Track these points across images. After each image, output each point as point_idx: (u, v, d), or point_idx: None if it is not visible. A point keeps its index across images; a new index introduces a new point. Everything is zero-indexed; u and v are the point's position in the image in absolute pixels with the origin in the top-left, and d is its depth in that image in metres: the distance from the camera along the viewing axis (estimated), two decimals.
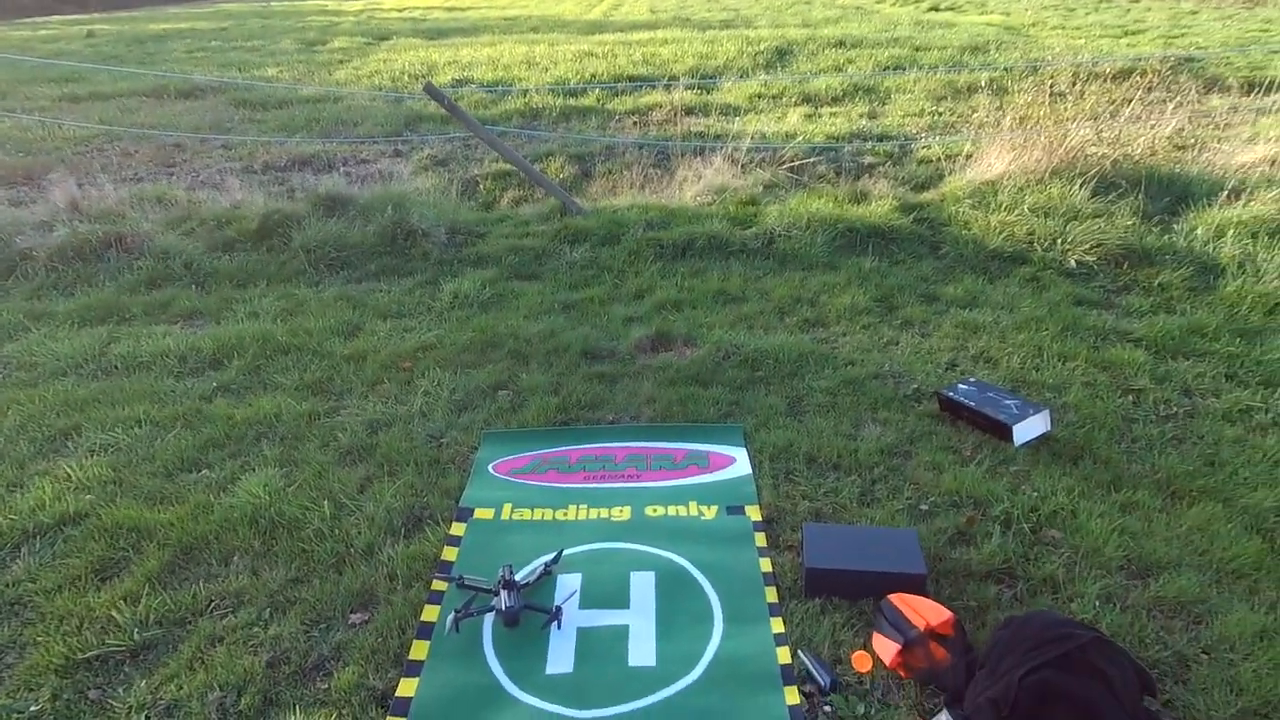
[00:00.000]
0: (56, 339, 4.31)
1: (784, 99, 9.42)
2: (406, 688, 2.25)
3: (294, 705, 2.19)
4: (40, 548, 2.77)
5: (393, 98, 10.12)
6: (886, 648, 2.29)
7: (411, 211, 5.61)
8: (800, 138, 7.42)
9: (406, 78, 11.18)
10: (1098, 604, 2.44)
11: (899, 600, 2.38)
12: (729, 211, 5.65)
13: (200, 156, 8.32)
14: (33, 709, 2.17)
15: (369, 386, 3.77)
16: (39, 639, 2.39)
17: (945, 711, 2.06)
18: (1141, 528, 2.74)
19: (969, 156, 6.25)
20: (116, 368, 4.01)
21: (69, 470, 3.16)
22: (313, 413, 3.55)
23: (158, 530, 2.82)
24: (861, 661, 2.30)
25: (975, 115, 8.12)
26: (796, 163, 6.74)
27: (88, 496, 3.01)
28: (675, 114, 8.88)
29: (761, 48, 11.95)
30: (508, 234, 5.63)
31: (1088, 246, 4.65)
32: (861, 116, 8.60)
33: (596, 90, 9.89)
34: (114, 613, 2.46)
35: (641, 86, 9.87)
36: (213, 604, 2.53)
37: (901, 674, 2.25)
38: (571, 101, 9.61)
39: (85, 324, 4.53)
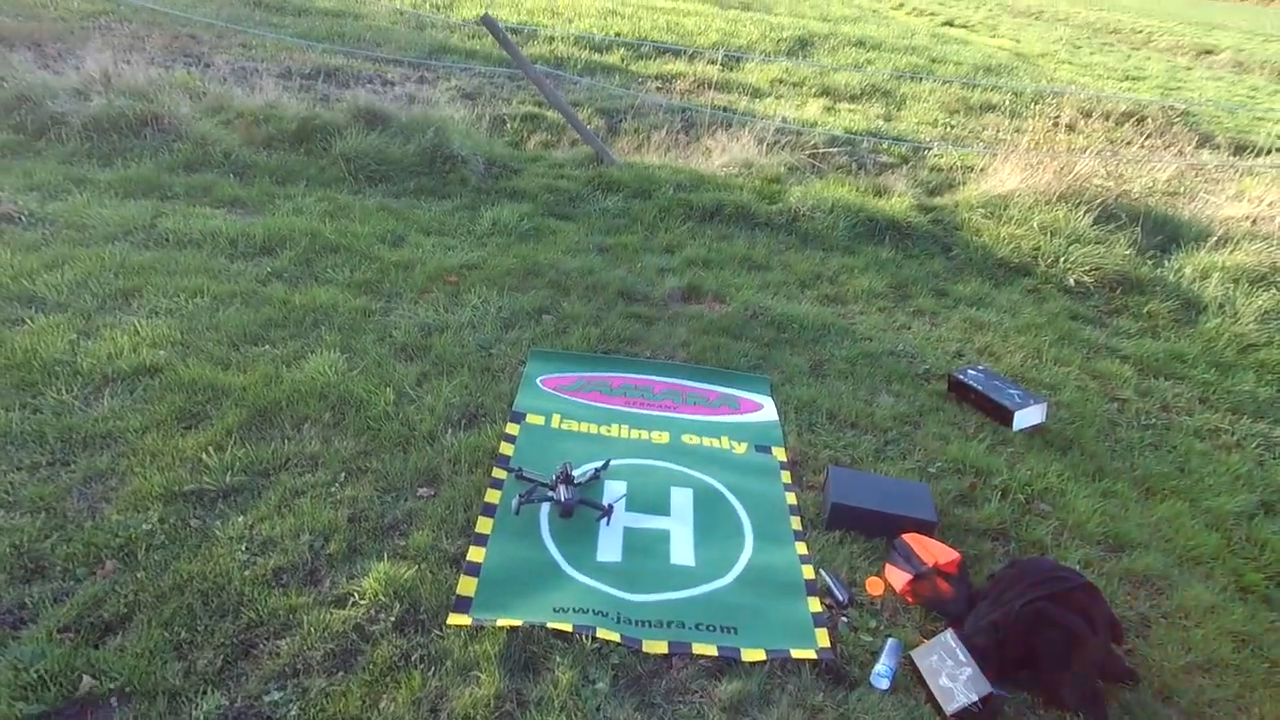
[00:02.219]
0: (104, 205, 4.37)
1: (805, 88, 9.65)
2: (476, 554, 2.49)
3: (377, 554, 2.41)
4: (121, 392, 2.93)
5: (415, 22, 10.07)
6: (898, 577, 2.61)
7: (452, 137, 5.73)
8: (821, 127, 7.68)
9: (428, 5, 11.11)
10: (1078, 567, 2.78)
11: (912, 539, 2.69)
12: (755, 185, 5.89)
13: (219, 51, 8.21)
14: (144, 527, 2.36)
15: (418, 293, 3.95)
16: (136, 470, 2.57)
17: (949, 631, 2.38)
18: (1119, 512, 3.10)
19: (981, 170, 6.58)
20: (168, 240, 4.11)
21: (137, 326, 3.30)
22: (366, 309, 3.72)
23: (232, 391, 2.99)
24: (875, 586, 2.61)
25: (985, 133, 8.49)
26: (818, 150, 7.01)
27: (160, 353, 3.16)
28: (699, 85, 9.06)
29: (784, 34, 12.15)
30: (542, 174, 5.79)
31: (1087, 268, 5.02)
32: (878, 117, 8.89)
33: (621, 49, 9.99)
34: (203, 456, 2.65)
35: (666, 53, 10.00)
36: (290, 462, 2.73)
37: (909, 600, 2.57)
38: (596, 56, 9.69)
39: (129, 195, 4.59)
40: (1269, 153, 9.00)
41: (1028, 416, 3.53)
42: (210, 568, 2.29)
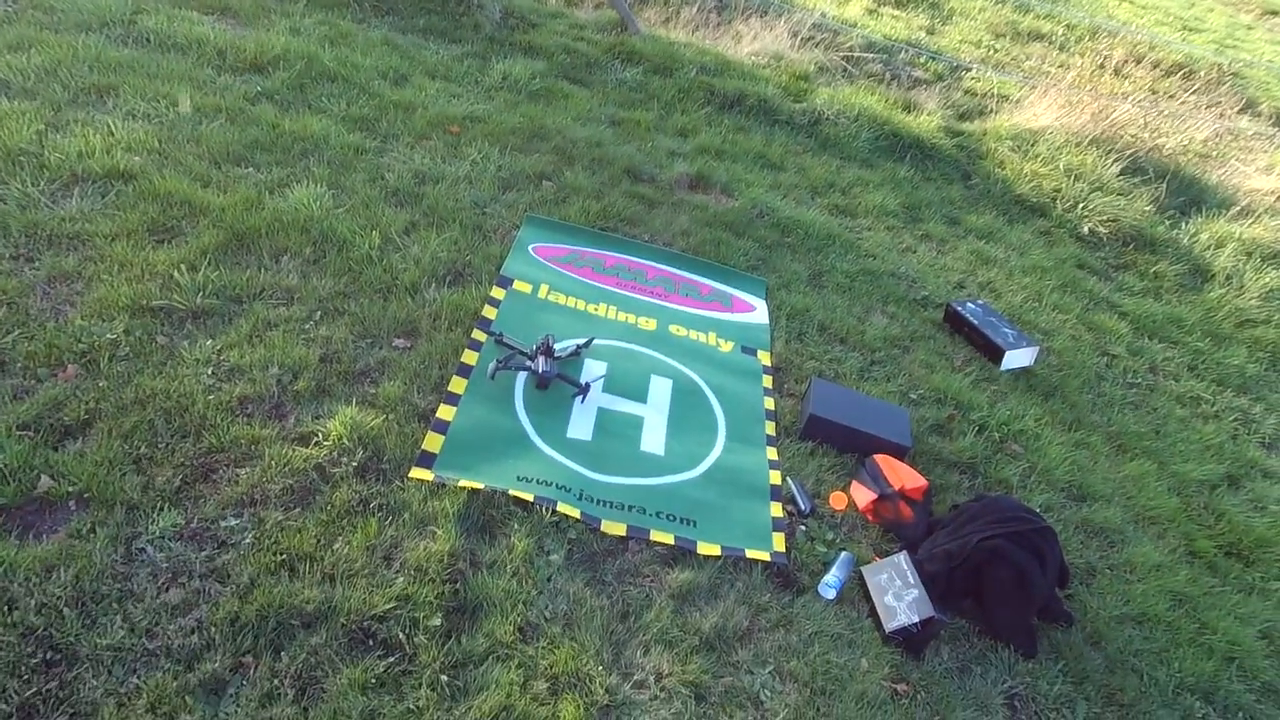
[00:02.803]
0: None
1: None
2: (445, 412, 2.44)
3: (345, 398, 2.36)
4: (91, 193, 2.78)
5: None
6: (863, 495, 2.61)
7: None
8: (860, 29, 7.28)
9: None
10: (1040, 510, 2.80)
11: (883, 460, 2.68)
12: (782, 80, 5.61)
13: None
14: (109, 336, 2.28)
15: (416, 138, 3.75)
16: (103, 277, 2.46)
17: (903, 553, 2.40)
18: (1088, 464, 3.12)
19: (1017, 101, 6.30)
20: (149, 40, 3.83)
21: (111, 126, 3.10)
22: (360, 147, 3.54)
23: (210, 210, 2.85)
24: (838, 500, 2.62)
25: (1028, 63, 8.11)
26: (854, 54, 6.66)
27: (135, 159, 2.98)
28: None
29: None
30: (561, 32, 5.46)
31: (1104, 218, 4.89)
32: (920, 28, 8.43)
33: None
34: (175, 274, 2.54)
35: None
36: (265, 292, 2.63)
37: (870, 518, 2.59)
38: None
39: None
40: None
41: (1018, 357, 3.49)
42: (174, 387, 2.23)
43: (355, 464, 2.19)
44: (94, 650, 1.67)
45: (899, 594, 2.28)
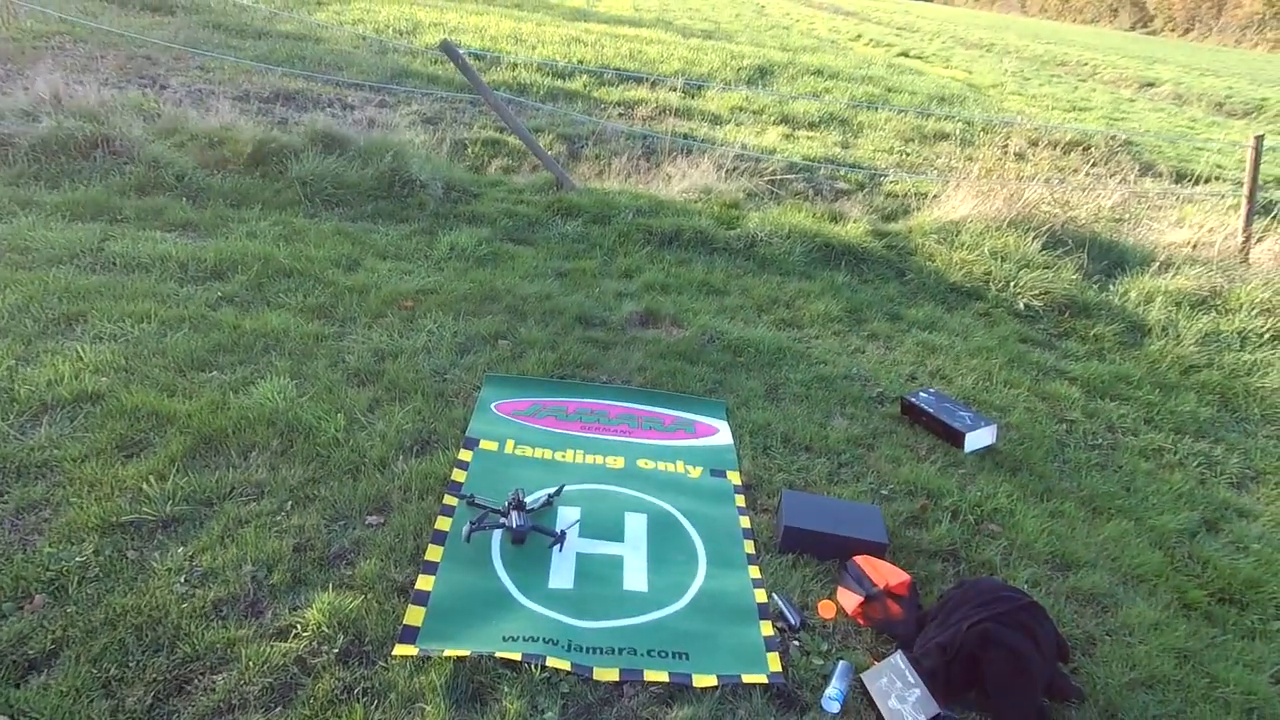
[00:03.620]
0: (49, 228, 4.28)
1: (764, 116, 9.83)
2: (424, 583, 2.45)
3: (322, 585, 2.36)
4: (60, 419, 2.85)
5: (377, 47, 10.08)
6: (849, 599, 2.62)
7: (411, 161, 5.72)
8: (779, 154, 7.81)
9: (391, 31, 11.14)
10: (1026, 586, 2.81)
11: (863, 561, 2.71)
12: (714, 211, 5.96)
13: (176, 74, 8.12)
14: (78, 559, 2.29)
15: (372, 318, 3.91)
16: (72, 500, 2.49)
17: (899, 653, 2.39)
18: (1066, 532, 3.15)
19: (934, 196, 6.73)
20: (115, 264, 4.03)
21: (80, 352, 3.21)
22: (319, 334, 3.68)
23: (177, 418, 2.93)
24: (826, 609, 2.62)
25: (940, 160, 8.70)
26: (777, 177, 7.11)
27: (103, 379, 3.08)
28: (661, 112, 9.18)
29: (744, 63, 12.38)
30: (501, 198, 5.80)
31: (1036, 293, 5.14)
32: (835, 144, 9.07)
33: (584, 76, 10.09)
34: (144, 486, 2.58)
35: (628, 79, 10.11)
36: (235, 490, 2.67)
37: (860, 622, 2.58)
38: (559, 83, 9.78)
39: (76, 218, 4.50)
40: (1208, 180, 9.35)
41: (979, 438, 3.59)
42: (145, 601, 2.22)
43: (336, 650, 2.17)
44: None
45: (901, 696, 2.25)
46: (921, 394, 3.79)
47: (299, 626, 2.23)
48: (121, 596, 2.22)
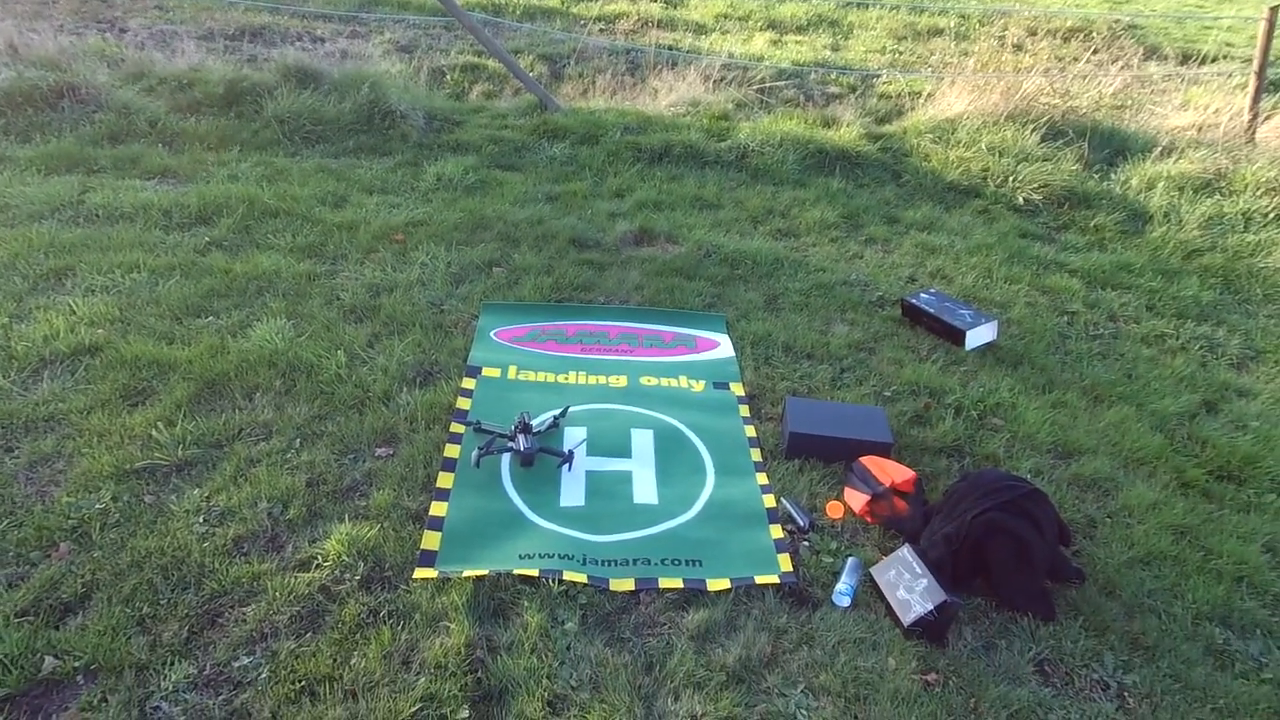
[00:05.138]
0: (25, 183, 4.21)
1: (750, 22, 9.49)
2: (438, 509, 2.49)
3: (338, 517, 2.41)
4: (61, 373, 2.86)
5: None
6: (856, 499, 2.67)
7: (389, 92, 5.57)
8: (767, 61, 7.57)
9: None
10: (1028, 476, 2.85)
11: (869, 461, 2.74)
12: (703, 124, 5.82)
13: (133, 15, 7.83)
14: (97, 507, 2.33)
15: (364, 254, 3.88)
16: (84, 450, 2.52)
17: (906, 546, 2.44)
18: (1068, 421, 3.18)
19: (929, 95, 6.56)
20: (98, 216, 3.97)
21: (73, 306, 3.20)
22: (311, 273, 3.65)
23: (178, 365, 2.94)
24: (834, 510, 2.66)
25: (934, 57, 8.44)
26: (766, 85, 6.92)
27: (99, 331, 3.07)
28: (643, 25, 8.87)
29: None
30: (485, 125, 5.67)
31: (1035, 186, 5.06)
32: (825, 47, 8.78)
33: None
34: (153, 432, 2.61)
35: None
36: (244, 432, 2.70)
37: (868, 520, 2.63)
38: (535, 1, 9.42)
39: (52, 172, 4.42)
40: (1215, 60, 9.06)
41: (979, 335, 3.59)
42: (168, 542, 2.27)
43: (358, 578, 2.23)
44: None
45: (910, 586, 2.31)
46: (922, 295, 3.77)
47: (320, 557, 2.28)
48: (144, 539, 2.27)
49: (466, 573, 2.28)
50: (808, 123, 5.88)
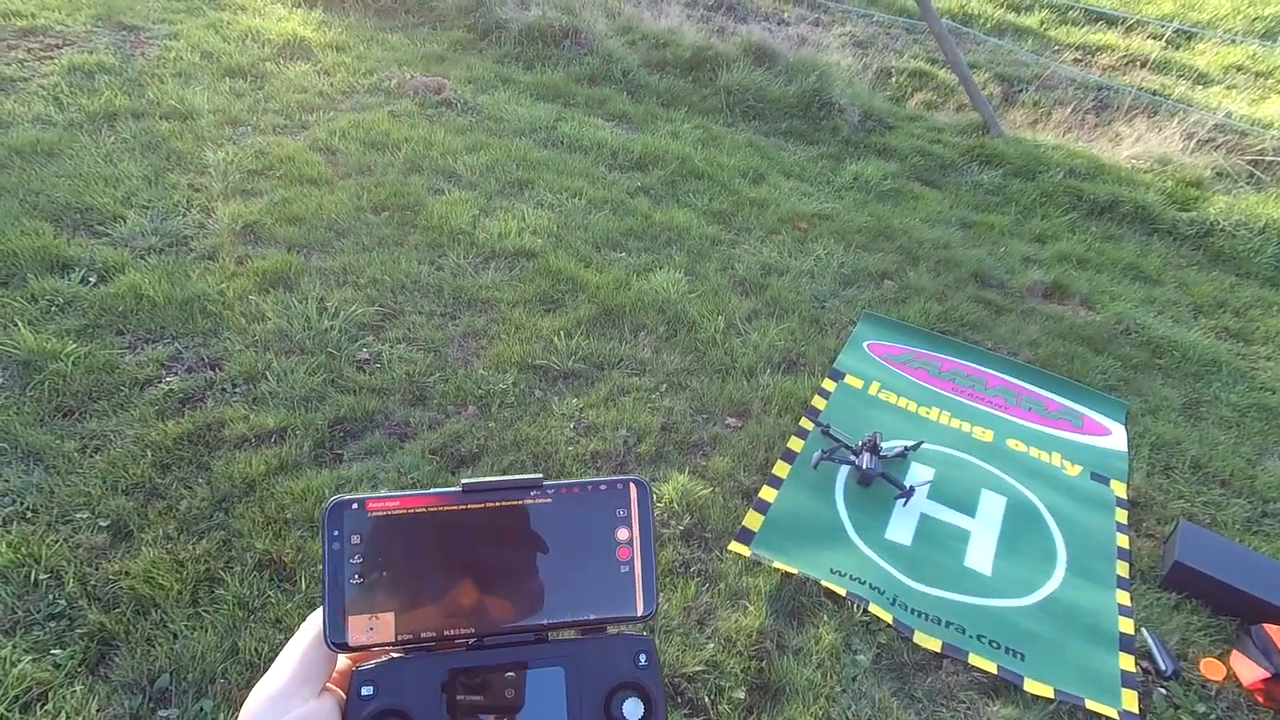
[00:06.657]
0: (519, 104, 4.99)
1: (1271, 80, 7.95)
2: (767, 494, 2.54)
3: (679, 467, 2.57)
4: (503, 267, 3.39)
5: None
6: (1249, 670, 2.20)
7: (834, 84, 5.64)
8: (1277, 130, 6.30)
9: None
10: None
11: (1276, 632, 2.24)
12: (1167, 186, 5.05)
13: None
14: (500, 386, 2.76)
15: (767, 232, 4.01)
16: (503, 336, 2.99)
17: None
18: None
19: None
20: (562, 143, 4.60)
21: (524, 214, 3.76)
22: (716, 238, 3.87)
23: (588, 287, 3.32)
24: (1212, 669, 2.23)
25: None
26: (1265, 157, 5.78)
27: (538, 240, 3.58)
28: (1129, 62, 7.88)
29: (1267, 11, 10.01)
30: (917, 134, 5.50)
31: None
32: None
33: (1044, 10, 8.97)
34: (555, 339, 3.00)
35: (1099, 19, 8.79)
36: (623, 362, 2.98)
37: (1259, 700, 2.16)
38: (1011, 16, 8.81)
39: (540, 98, 5.18)
40: None
41: None
42: (544, 434, 2.61)
43: (682, 528, 2.37)
44: None
45: None
46: None
47: (655, 496, 2.46)
48: (527, 426, 2.63)
49: (777, 564, 2.31)
50: None
